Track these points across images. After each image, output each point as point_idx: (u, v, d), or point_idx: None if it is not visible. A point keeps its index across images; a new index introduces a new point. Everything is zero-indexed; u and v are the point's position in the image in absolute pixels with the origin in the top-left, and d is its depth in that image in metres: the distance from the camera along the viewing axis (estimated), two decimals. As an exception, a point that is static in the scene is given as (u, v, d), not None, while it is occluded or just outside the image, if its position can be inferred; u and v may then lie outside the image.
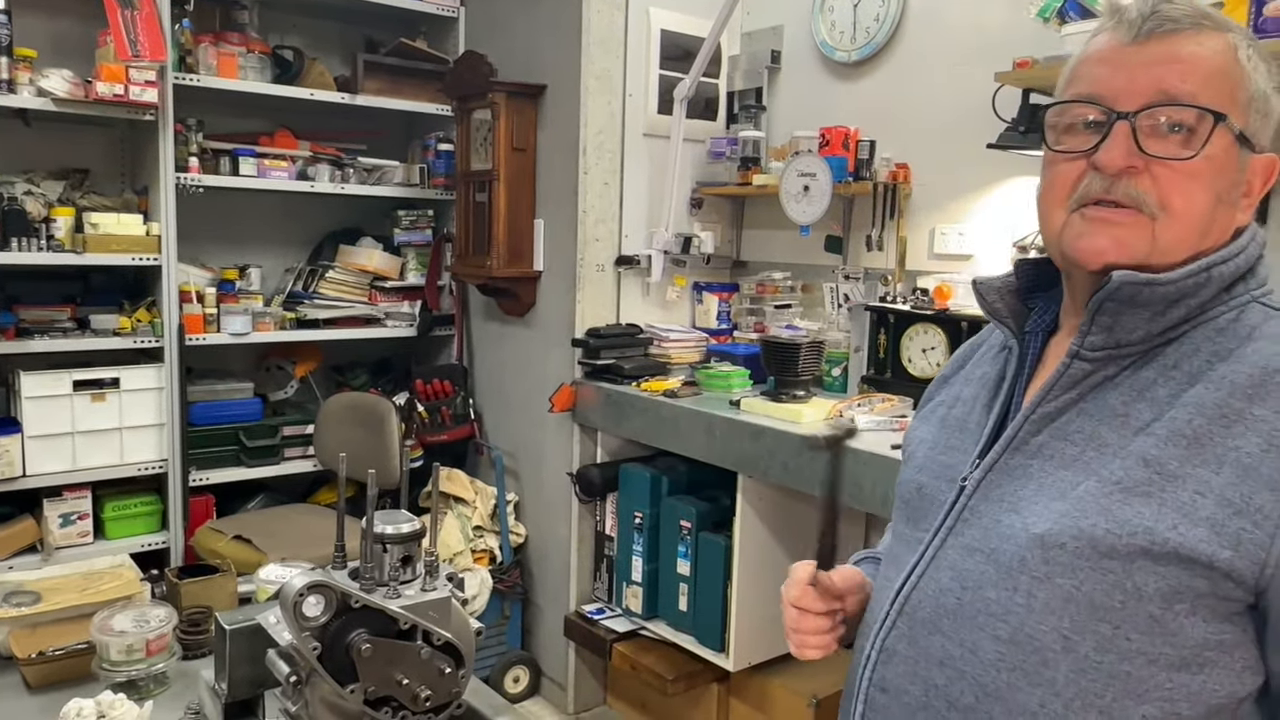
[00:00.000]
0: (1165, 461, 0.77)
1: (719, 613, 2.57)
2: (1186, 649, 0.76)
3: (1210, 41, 0.80)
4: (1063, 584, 0.78)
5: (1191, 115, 0.79)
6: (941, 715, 0.85)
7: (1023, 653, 0.80)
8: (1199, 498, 0.75)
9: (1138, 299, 0.80)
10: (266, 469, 3.23)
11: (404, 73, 3.37)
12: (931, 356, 2.47)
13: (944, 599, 0.86)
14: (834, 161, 2.67)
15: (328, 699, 1.00)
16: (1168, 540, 0.74)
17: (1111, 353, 0.83)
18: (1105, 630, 0.77)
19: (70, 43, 2.96)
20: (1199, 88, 0.79)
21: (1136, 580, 0.75)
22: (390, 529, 1.03)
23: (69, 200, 2.93)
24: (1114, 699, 0.77)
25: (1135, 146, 0.80)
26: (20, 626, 1.45)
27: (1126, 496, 0.77)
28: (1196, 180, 0.80)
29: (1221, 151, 0.80)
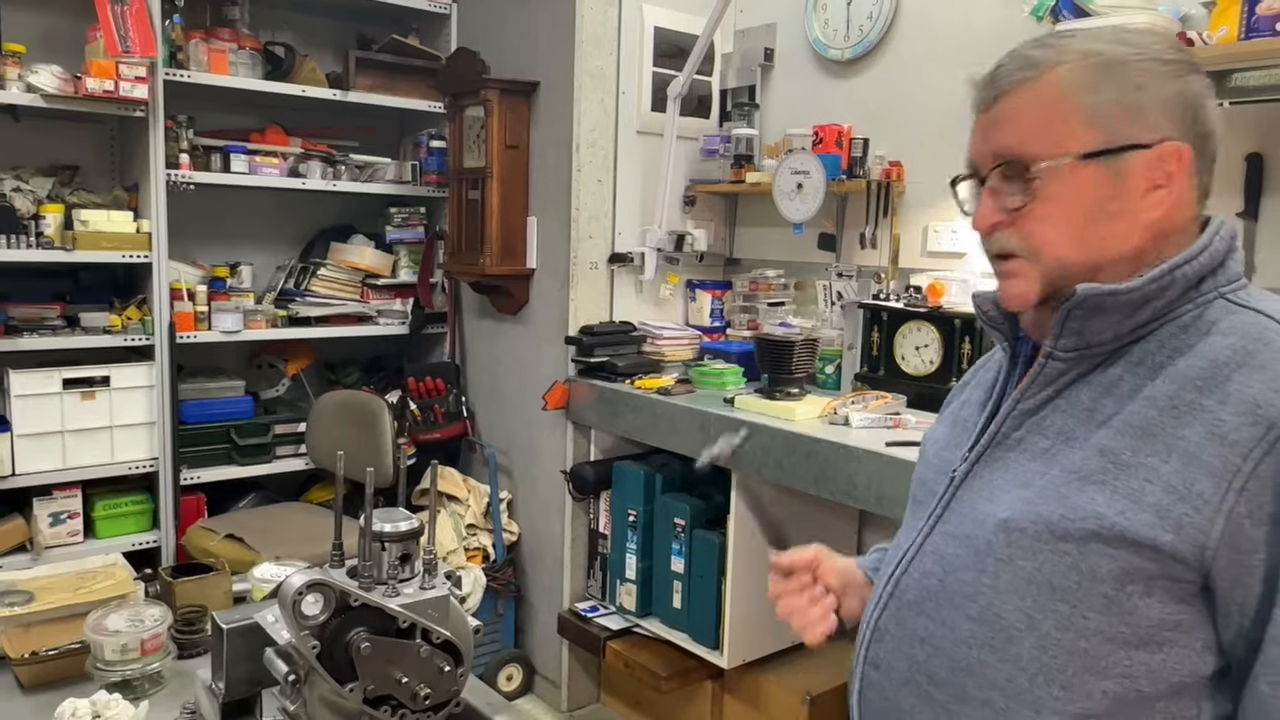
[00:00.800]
0: (1119, 451, 0.82)
1: (713, 610, 2.57)
2: (1143, 628, 0.80)
3: (1032, 90, 0.87)
4: (1024, 565, 0.84)
5: (1020, 166, 0.87)
6: (922, 689, 0.92)
7: (991, 630, 0.86)
8: (1147, 484, 0.79)
9: (1103, 306, 0.85)
10: (258, 467, 3.21)
11: (396, 69, 3.35)
12: (925, 354, 2.48)
13: (927, 581, 0.93)
14: (827, 159, 2.68)
15: (326, 698, 1.00)
16: (1115, 524, 0.79)
17: (1083, 352, 0.88)
18: (1064, 609, 0.82)
19: (60, 38, 2.94)
20: (1026, 138, 0.87)
21: (1090, 562, 0.81)
22: (389, 527, 1.03)
23: (58, 197, 2.91)
24: (1074, 674, 0.82)
25: (999, 205, 0.89)
26: (13, 626, 1.44)
27: (1082, 484, 0.82)
28: (1048, 217, 0.87)
29: (1066, 181, 0.85)
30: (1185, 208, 0.86)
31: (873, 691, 0.97)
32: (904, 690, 0.93)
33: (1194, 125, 0.85)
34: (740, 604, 2.53)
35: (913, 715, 0.92)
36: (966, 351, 2.38)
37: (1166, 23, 1.98)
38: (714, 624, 2.58)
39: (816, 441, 2.19)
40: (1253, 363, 0.79)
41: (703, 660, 2.63)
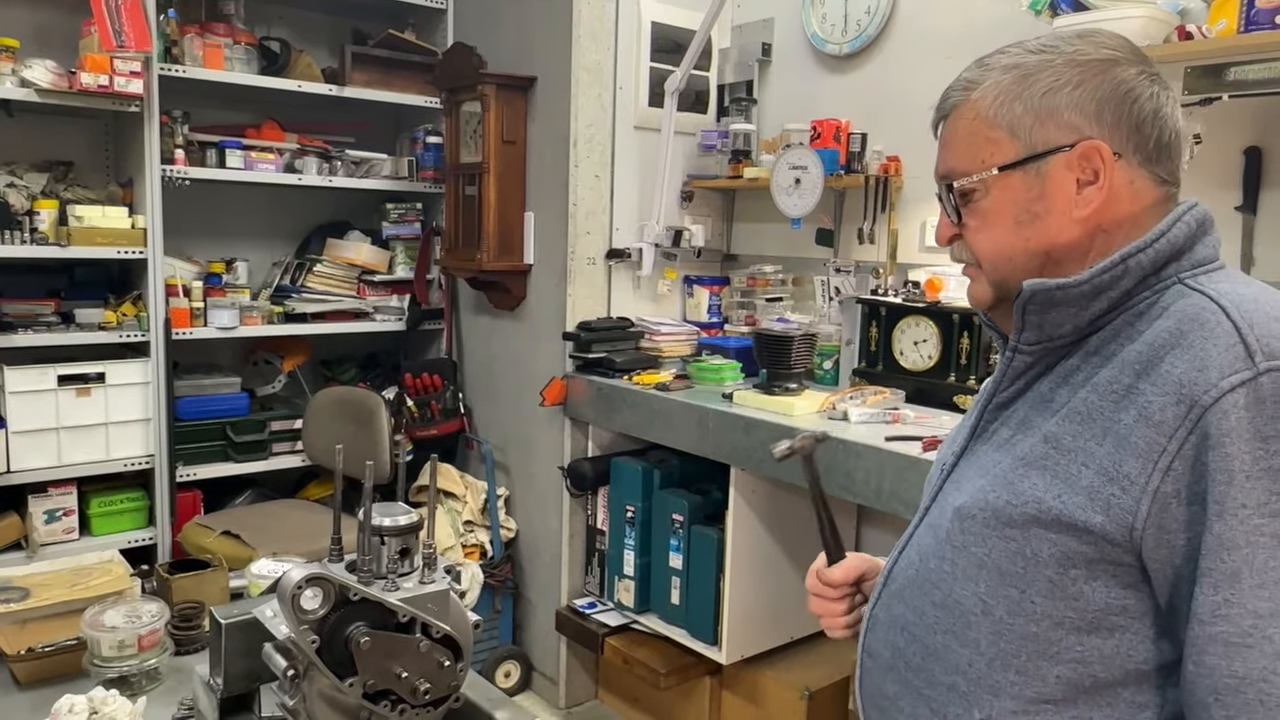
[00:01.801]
0: (1060, 437, 0.83)
1: (711, 606, 2.57)
2: (1090, 613, 0.81)
3: (960, 114, 0.93)
4: (975, 552, 0.87)
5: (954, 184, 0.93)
6: (901, 674, 0.94)
7: (951, 616, 0.89)
8: (1083, 469, 0.81)
9: (1053, 300, 0.87)
10: (254, 464, 3.20)
11: (392, 64, 3.34)
12: (923, 349, 2.47)
13: (909, 571, 0.96)
14: (825, 154, 2.67)
15: (326, 693, 0.99)
16: (1051, 508, 0.81)
17: (1046, 345, 0.90)
18: (1014, 594, 0.84)
19: (54, 33, 2.92)
20: (957, 158, 0.93)
21: (1033, 546, 0.82)
22: (388, 521, 1.02)
23: (52, 193, 2.90)
24: (1028, 659, 0.84)
25: (951, 219, 0.94)
26: (9, 623, 1.43)
27: (1026, 470, 0.85)
28: (984, 228, 0.92)
29: (994, 194, 0.90)
30: (1128, 200, 0.87)
31: (867, 679, 1.00)
32: (889, 676, 0.96)
33: (1123, 118, 0.86)
34: (738, 600, 2.53)
35: (896, 701, 0.95)
36: (965, 346, 2.38)
37: (1165, 16, 1.98)
38: (712, 620, 2.58)
39: (815, 437, 2.18)
40: (1183, 343, 0.79)
41: (701, 656, 2.63)
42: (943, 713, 0.89)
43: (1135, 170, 0.87)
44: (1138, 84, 0.87)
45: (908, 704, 0.93)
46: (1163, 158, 0.88)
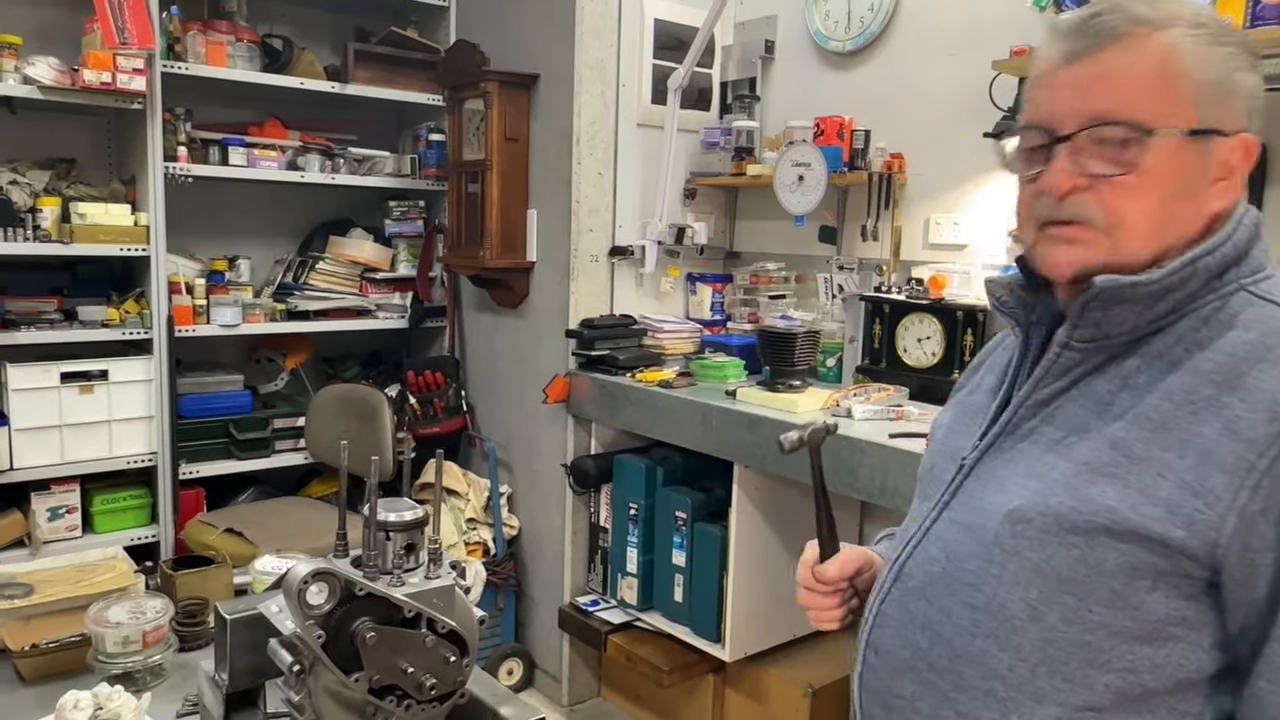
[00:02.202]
0: (1131, 444, 0.80)
1: (714, 603, 2.57)
2: (1149, 623, 0.79)
3: (1143, 49, 0.81)
4: (1030, 557, 0.83)
5: (1122, 131, 0.81)
6: (921, 675, 0.91)
7: (994, 620, 0.85)
8: (1160, 479, 0.78)
9: (1122, 298, 0.83)
10: (257, 462, 3.20)
11: (395, 62, 3.34)
12: (926, 346, 2.47)
13: (931, 568, 0.92)
14: (829, 151, 2.67)
15: (331, 688, 0.99)
16: (1127, 519, 0.78)
17: (1100, 343, 0.86)
18: (1070, 602, 0.81)
19: (56, 30, 2.92)
20: (1130, 102, 0.81)
21: (1098, 555, 0.79)
22: (393, 516, 1.02)
23: (55, 190, 2.90)
24: (1077, 667, 0.81)
25: (1077, 167, 0.83)
26: (13, 619, 1.43)
27: (1093, 477, 0.81)
28: (1139, 191, 0.82)
29: (1166, 157, 0.81)
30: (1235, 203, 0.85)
31: (873, 676, 0.96)
32: (905, 676, 0.92)
33: (1255, 118, 0.84)
34: (742, 597, 2.53)
35: (913, 702, 0.91)
36: (969, 343, 2.37)
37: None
38: (715, 617, 2.57)
39: (819, 434, 2.18)
40: (1271, 358, 0.77)
41: (704, 654, 2.63)
42: (974, 717, 0.86)
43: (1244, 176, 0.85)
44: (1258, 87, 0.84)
45: (928, 705, 0.90)
46: None
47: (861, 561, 1.09)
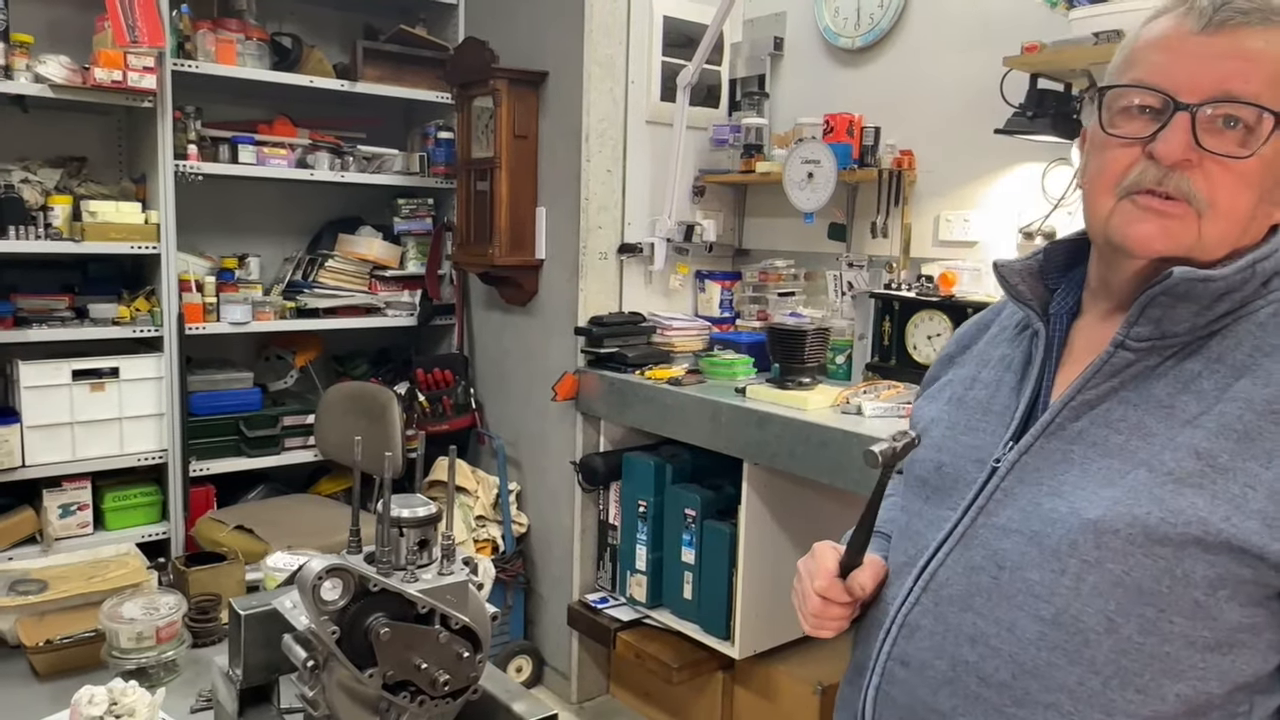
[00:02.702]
0: (1216, 455, 0.79)
1: (724, 601, 2.57)
2: (1222, 632, 0.79)
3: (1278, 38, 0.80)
4: (1113, 569, 0.80)
5: (1253, 115, 0.79)
6: (971, 690, 0.86)
7: (1065, 633, 0.82)
8: (1249, 490, 0.77)
9: (1190, 294, 0.82)
10: (267, 459, 3.21)
11: (403, 60, 3.34)
12: (937, 343, 2.46)
13: (977, 577, 0.87)
14: (838, 148, 2.66)
15: (345, 683, 0.99)
16: (1221, 531, 0.77)
17: (1156, 343, 0.84)
18: (1150, 613, 0.79)
19: (67, 28, 2.93)
20: (1263, 87, 0.79)
21: (1186, 567, 0.78)
22: (407, 513, 1.02)
23: (66, 188, 2.91)
24: (1151, 678, 0.80)
25: (1193, 140, 0.80)
26: (28, 615, 1.44)
27: (1179, 487, 0.79)
28: (1246, 179, 0.81)
29: (1275, 152, 0.80)
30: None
31: (899, 689, 0.91)
32: (944, 690, 0.88)
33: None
34: (751, 595, 2.53)
35: (953, 716, 0.87)
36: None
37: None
38: (725, 615, 2.57)
39: (829, 431, 2.18)
40: None
41: (713, 651, 2.63)
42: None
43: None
44: None
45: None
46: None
47: (884, 573, 1.01)
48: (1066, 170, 2.35)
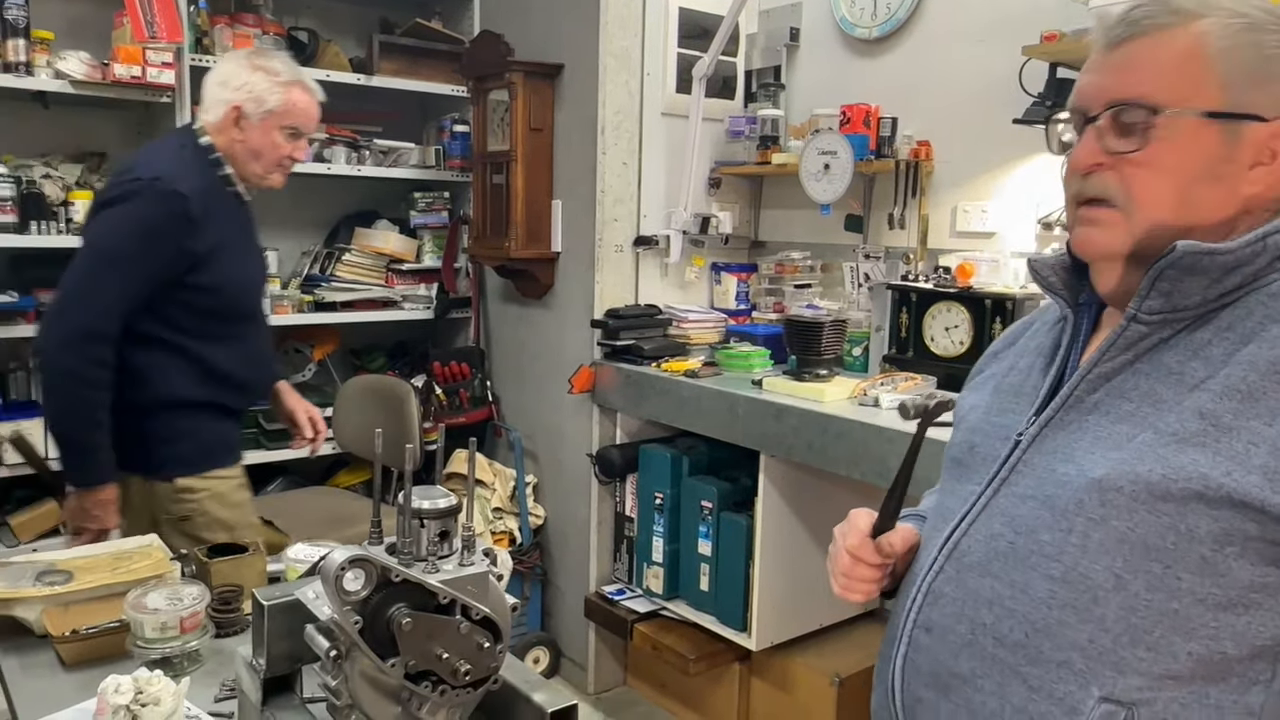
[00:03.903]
0: (1220, 414, 0.81)
1: (741, 592, 2.57)
2: (1234, 590, 0.80)
3: (1171, 38, 0.85)
4: (1117, 525, 0.83)
5: (1140, 113, 0.85)
6: (988, 652, 0.90)
7: (1074, 591, 0.85)
8: (1252, 447, 0.79)
9: (1197, 267, 0.84)
10: (285, 452, 3.23)
11: (419, 53, 3.35)
12: (954, 335, 2.45)
13: (995, 543, 0.92)
14: (855, 139, 2.65)
15: (367, 673, 1.00)
16: (1222, 485, 0.79)
17: (1167, 316, 0.87)
18: (1156, 570, 0.81)
19: (87, 25, 2.95)
20: (1150, 87, 0.85)
21: (1190, 522, 0.80)
22: (428, 504, 1.03)
23: (87, 183, 2.93)
24: (1161, 635, 0.82)
25: (1101, 147, 0.88)
26: (53, 605, 1.46)
27: (1182, 446, 0.82)
28: (1155, 169, 0.85)
29: (1182, 136, 0.84)
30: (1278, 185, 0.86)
31: (924, 656, 0.95)
32: (964, 653, 0.91)
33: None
34: (768, 586, 2.53)
35: (972, 679, 0.91)
36: (997, 332, 2.35)
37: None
38: (741, 606, 2.58)
39: (847, 423, 2.18)
40: None
41: (730, 642, 2.63)
42: (1048, 690, 0.85)
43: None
44: None
45: (991, 682, 0.89)
46: None
47: (915, 539, 1.07)
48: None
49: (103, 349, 1.91)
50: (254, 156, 2.08)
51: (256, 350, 2.20)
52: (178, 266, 1.95)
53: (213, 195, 2.01)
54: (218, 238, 1.99)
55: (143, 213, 1.92)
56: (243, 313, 2.13)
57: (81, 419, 1.94)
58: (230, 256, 2.05)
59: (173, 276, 1.96)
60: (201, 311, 2.02)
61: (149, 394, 2.00)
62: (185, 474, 2.06)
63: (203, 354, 2.03)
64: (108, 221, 1.96)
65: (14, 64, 2.62)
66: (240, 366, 2.11)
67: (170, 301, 1.98)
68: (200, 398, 2.05)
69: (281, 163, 2.13)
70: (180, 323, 2.00)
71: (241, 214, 2.14)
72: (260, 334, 2.23)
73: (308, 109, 2.13)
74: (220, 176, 2.06)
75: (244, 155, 2.07)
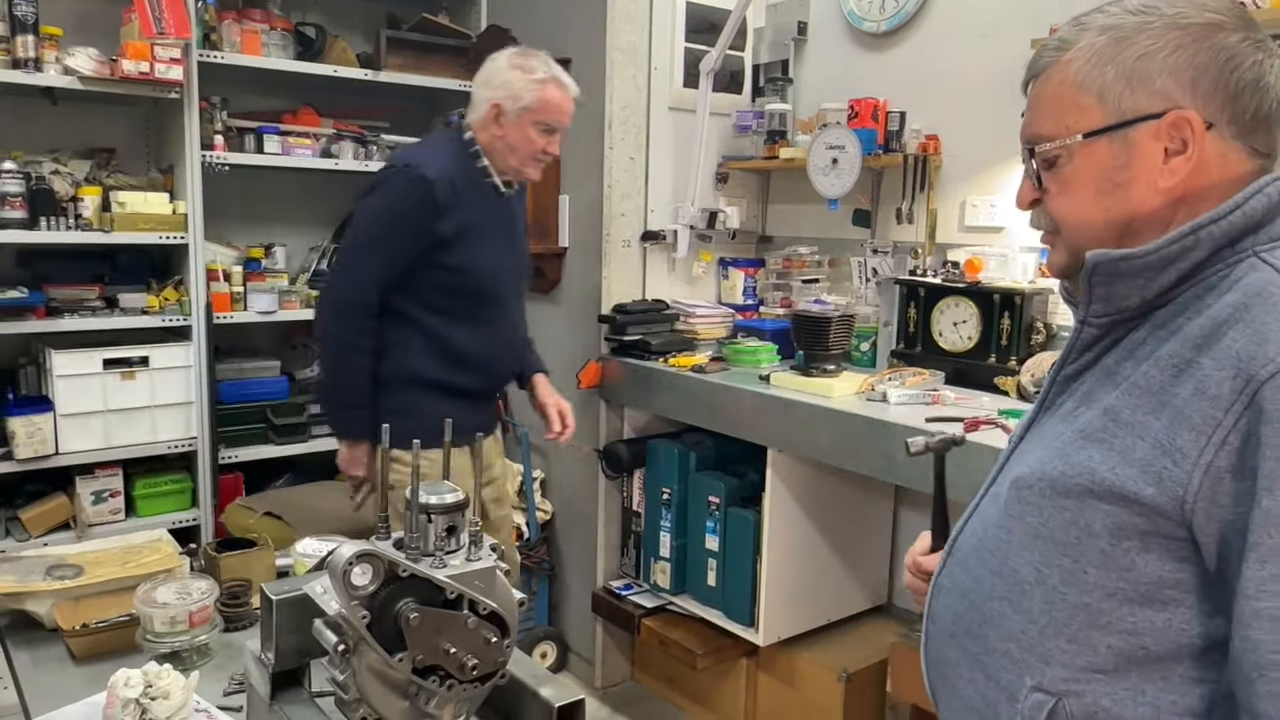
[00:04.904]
0: (1120, 410, 0.83)
1: (748, 587, 2.57)
2: (1144, 585, 0.81)
3: (1053, 73, 0.89)
4: (1031, 521, 0.87)
5: (1047, 149, 0.90)
6: (960, 641, 0.95)
7: (1007, 584, 0.90)
8: (1139, 441, 0.81)
9: (1119, 271, 0.87)
10: (294, 447, 3.24)
11: (426, 48, 3.35)
12: (963, 330, 2.45)
13: (970, 539, 0.98)
14: (863, 134, 2.64)
15: (375, 668, 1.00)
16: (1105, 479, 0.81)
17: (1114, 318, 0.90)
18: (1066, 564, 0.84)
19: (95, 21, 2.96)
20: (1043, 122, 0.90)
21: (1087, 517, 0.83)
22: (435, 499, 1.03)
23: (95, 179, 2.94)
24: (1079, 628, 0.84)
25: (1032, 185, 0.93)
26: (64, 599, 1.47)
27: (1084, 443, 0.85)
28: (1065, 194, 0.90)
29: (1079, 159, 0.88)
30: (1218, 172, 0.85)
31: (931, 645, 1.01)
32: (950, 643, 0.97)
33: (1220, 86, 0.83)
34: (775, 582, 2.53)
35: (956, 667, 0.96)
36: (1005, 327, 2.35)
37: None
38: (749, 601, 2.58)
39: (855, 418, 2.17)
40: (1245, 318, 0.78)
41: (737, 638, 2.63)
42: (996, 678, 0.90)
43: (1228, 142, 0.84)
44: (1239, 51, 0.83)
45: (966, 670, 0.94)
46: (1259, 130, 0.85)
47: None
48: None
49: (364, 318, 2.13)
50: (511, 151, 2.18)
51: (502, 336, 2.29)
52: (425, 245, 2.10)
53: (467, 184, 2.15)
54: (466, 222, 2.13)
55: (392, 196, 2.12)
56: (489, 297, 2.23)
57: (343, 378, 2.18)
58: (478, 241, 2.16)
59: (421, 255, 2.11)
60: (449, 291, 2.16)
61: (387, 366, 2.17)
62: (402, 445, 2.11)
63: (444, 333, 2.18)
64: (367, 206, 2.17)
65: (23, 60, 2.63)
66: (480, 349, 2.23)
67: (421, 279, 2.14)
68: (433, 375, 2.18)
69: (536, 156, 2.20)
70: (430, 301, 2.16)
71: (498, 204, 2.24)
72: (508, 321, 2.31)
73: (561, 105, 2.20)
74: (478, 168, 2.19)
75: (502, 150, 2.18)
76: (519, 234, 2.36)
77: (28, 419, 2.71)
